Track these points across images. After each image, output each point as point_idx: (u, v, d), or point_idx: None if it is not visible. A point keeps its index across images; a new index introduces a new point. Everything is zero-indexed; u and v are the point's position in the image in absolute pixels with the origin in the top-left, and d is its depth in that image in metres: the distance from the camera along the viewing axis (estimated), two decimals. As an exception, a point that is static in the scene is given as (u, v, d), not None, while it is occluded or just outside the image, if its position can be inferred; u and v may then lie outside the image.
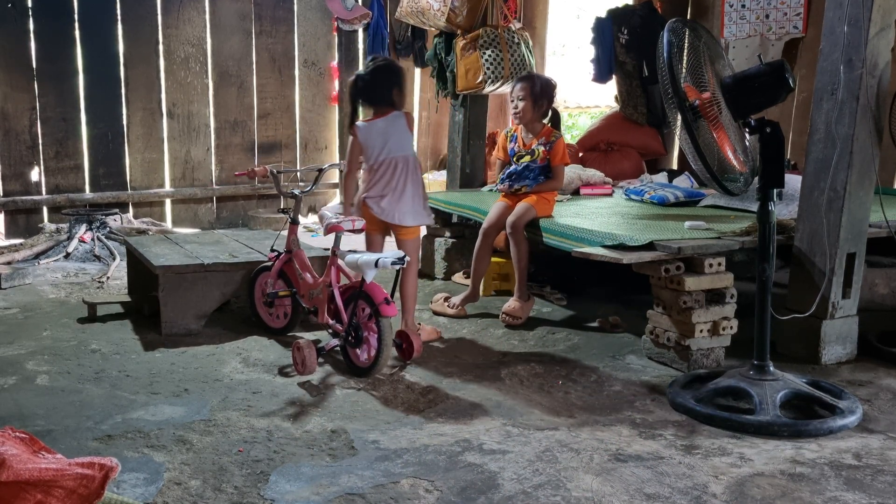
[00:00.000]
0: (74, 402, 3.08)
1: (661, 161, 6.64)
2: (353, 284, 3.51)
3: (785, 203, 3.95)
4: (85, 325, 4.14)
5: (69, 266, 5.49)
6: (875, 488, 2.44)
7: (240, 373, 3.44)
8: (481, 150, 5.82)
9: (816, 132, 3.50)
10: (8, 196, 6.62)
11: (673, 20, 3.01)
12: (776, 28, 6.03)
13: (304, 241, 4.16)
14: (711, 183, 3.01)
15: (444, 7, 5.18)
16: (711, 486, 2.45)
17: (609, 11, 6.55)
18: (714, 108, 2.93)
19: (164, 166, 7.24)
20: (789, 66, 3.01)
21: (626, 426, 2.90)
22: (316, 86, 7.80)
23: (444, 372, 3.46)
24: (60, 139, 6.75)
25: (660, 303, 3.53)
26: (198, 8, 7.15)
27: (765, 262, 3.06)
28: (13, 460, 1.99)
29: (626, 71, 6.46)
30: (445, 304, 4.38)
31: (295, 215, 3.94)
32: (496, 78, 5.13)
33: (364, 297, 3.36)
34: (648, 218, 4.18)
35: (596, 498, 2.37)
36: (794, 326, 3.54)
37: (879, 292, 4.29)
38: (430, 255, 5.30)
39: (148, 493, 2.37)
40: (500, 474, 2.51)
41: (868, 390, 3.26)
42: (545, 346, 3.87)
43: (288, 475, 2.50)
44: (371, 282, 3.34)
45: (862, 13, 3.28)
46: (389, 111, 3.72)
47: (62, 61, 6.67)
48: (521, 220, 4.15)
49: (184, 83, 7.19)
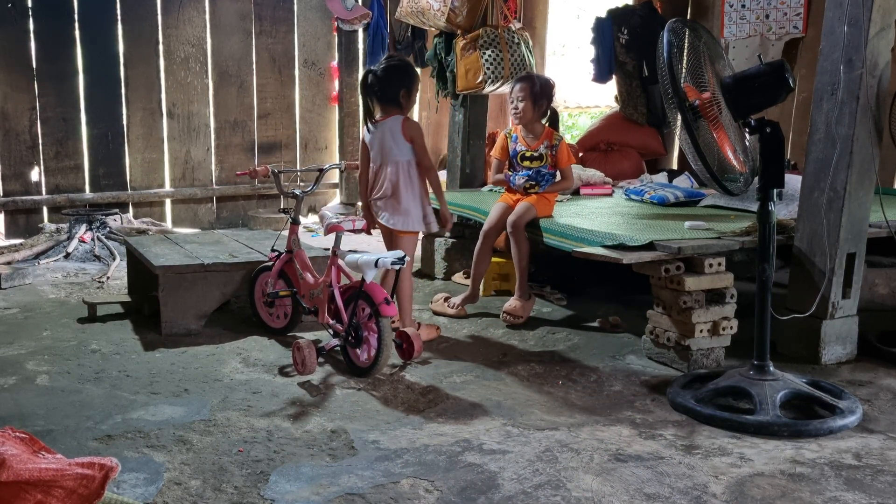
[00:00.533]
0: (74, 402, 3.08)
1: (661, 161, 6.64)
2: (354, 284, 3.51)
3: (785, 203, 3.95)
4: (85, 325, 4.14)
5: (69, 266, 5.50)
6: (875, 488, 2.44)
7: (240, 373, 3.44)
8: (481, 150, 5.82)
9: (816, 132, 3.50)
10: (8, 196, 6.63)
11: (673, 20, 3.01)
12: (776, 28, 6.03)
13: (304, 241, 4.16)
14: (711, 183, 3.01)
15: (444, 7, 5.18)
16: (711, 486, 2.45)
17: (609, 11, 6.55)
18: (714, 108, 2.93)
19: (164, 166, 7.25)
20: (789, 66, 3.01)
21: (626, 426, 2.90)
22: (316, 86, 7.80)
23: (444, 372, 3.46)
24: (60, 139, 6.76)
25: (660, 303, 3.53)
26: (198, 8, 7.15)
27: (765, 262, 3.06)
28: (13, 460, 1.99)
29: (626, 71, 6.46)
30: (445, 305, 4.39)
31: (296, 215, 3.95)
32: (496, 78, 5.13)
33: (364, 296, 3.36)
34: (648, 218, 4.18)
35: (596, 498, 2.37)
36: (794, 326, 3.54)
37: (879, 292, 4.29)
38: (430, 255, 5.31)
39: (148, 493, 2.37)
40: (500, 474, 2.51)
41: (868, 390, 3.26)
42: (545, 346, 3.87)
43: (288, 475, 2.50)
44: (371, 282, 3.34)
45: (862, 13, 3.28)
46: (394, 112, 3.73)
47: (62, 61, 6.67)
48: (521, 220, 4.15)
49: (184, 83, 7.19)
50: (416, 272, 5.36)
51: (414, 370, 3.47)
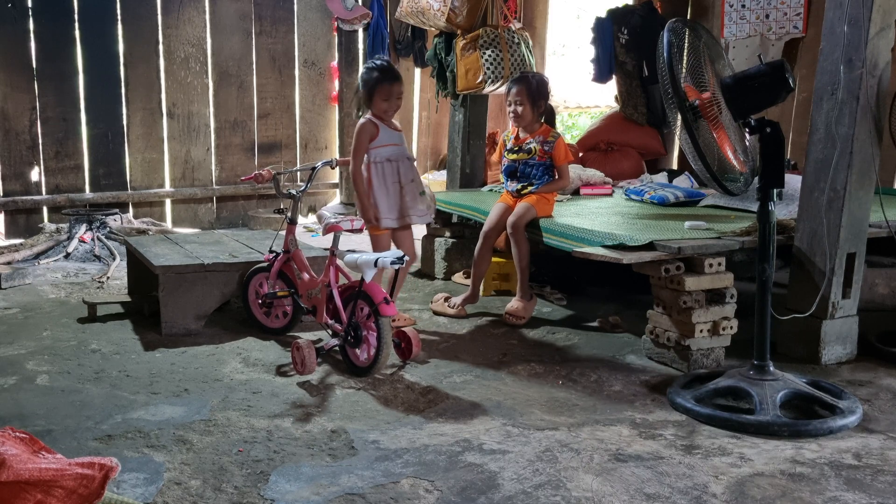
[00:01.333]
0: (74, 402, 3.08)
1: (661, 161, 6.64)
2: (353, 284, 3.51)
3: (785, 203, 3.95)
4: (85, 325, 4.14)
5: (69, 266, 5.50)
6: (875, 488, 2.44)
7: (240, 373, 3.44)
8: (481, 150, 5.82)
9: (816, 132, 3.50)
10: (8, 196, 6.63)
11: (673, 20, 3.01)
12: (776, 28, 6.03)
13: (304, 241, 4.16)
14: (711, 183, 3.01)
15: (444, 7, 5.18)
16: (711, 486, 2.45)
17: (609, 11, 6.55)
18: (714, 108, 2.93)
19: (164, 166, 7.24)
20: (789, 66, 3.01)
21: (626, 426, 2.90)
22: (316, 86, 7.80)
23: (443, 372, 3.46)
24: (60, 139, 6.76)
25: (660, 303, 3.53)
26: (198, 8, 7.15)
27: (765, 262, 3.06)
28: (13, 460, 1.99)
29: (626, 71, 6.46)
30: (446, 304, 4.38)
31: (293, 215, 3.95)
32: (496, 78, 5.13)
33: (363, 296, 3.36)
34: (648, 218, 4.18)
35: (596, 498, 2.37)
36: (794, 326, 3.54)
37: (879, 292, 4.29)
38: (430, 255, 5.30)
39: (148, 493, 2.37)
40: (500, 474, 2.51)
41: (868, 390, 3.26)
42: (545, 346, 3.87)
43: (288, 475, 2.50)
44: (370, 281, 3.34)
45: (862, 13, 3.28)
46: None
47: (62, 61, 6.67)
48: (521, 220, 4.15)
49: (184, 83, 7.19)
50: (416, 272, 5.37)
51: (414, 370, 3.47)
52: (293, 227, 3.92)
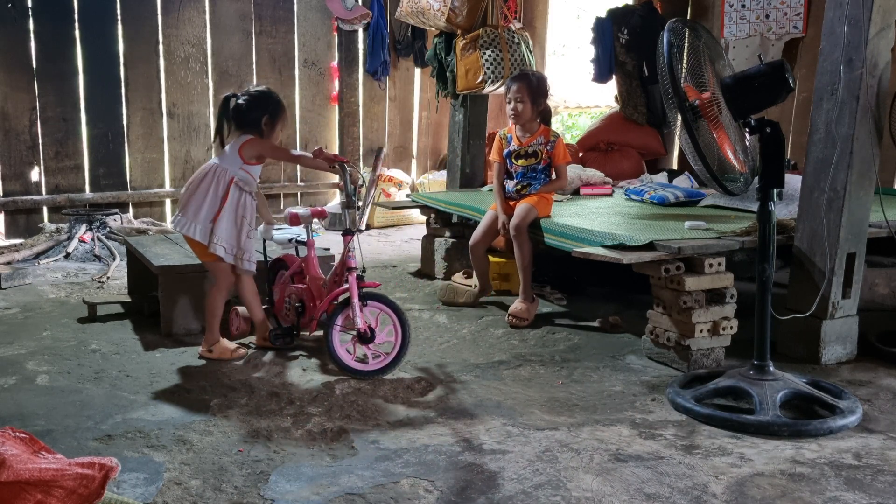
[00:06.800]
0: (74, 402, 3.08)
1: (661, 161, 6.64)
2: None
3: (785, 203, 3.95)
4: (85, 325, 4.14)
5: (69, 266, 5.50)
6: (875, 488, 2.44)
7: (240, 373, 3.44)
8: (481, 150, 5.83)
9: (816, 132, 3.50)
10: (8, 196, 6.62)
11: (673, 20, 3.01)
12: (776, 28, 6.03)
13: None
14: (711, 183, 3.01)
15: (444, 7, 5.19)
16: (711, 486, 2.45)
17: (609, 11, 6.55)
18: (714, 108, 2.93)
19: (164, 166, 7.24)
20: (789, 66, 3.01)
21: (626, 426, 2.90)
22: (316, 86, 7.79)
23: (444, 372, 3.46)
24: (60, 139, 6.75)
25: (660, 303, 3.53)
26: (198, 8, 7.15)
27: (765, 262, 3.06)
28: (13, 460, 1.99)
29: (626, 71, 6.46)
30: (465, 278, 4.40)
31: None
32: (496, 78, 5.13)
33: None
34: (648, 218, 4.18)
35: (596, 498, 2.37)
36: (794, 326, 3.54)
37: (879, 292, 4.29)
38: (430, 255, 5.30)
39: (148, 493, 2.37)
40: (500, 474, 2.51)
41: (868, 390, 3.26)
42: (545, 346, 3.87)
43: (288, 475, 2.50)
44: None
45: (862, 13, 3.28)
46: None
47: (62, 61, 6.66)
48: (524, 222, 4.15)
49: (184, 83, 7.18)
50: (416, 272, 5.37)
51: (414, 370, 3.48)
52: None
